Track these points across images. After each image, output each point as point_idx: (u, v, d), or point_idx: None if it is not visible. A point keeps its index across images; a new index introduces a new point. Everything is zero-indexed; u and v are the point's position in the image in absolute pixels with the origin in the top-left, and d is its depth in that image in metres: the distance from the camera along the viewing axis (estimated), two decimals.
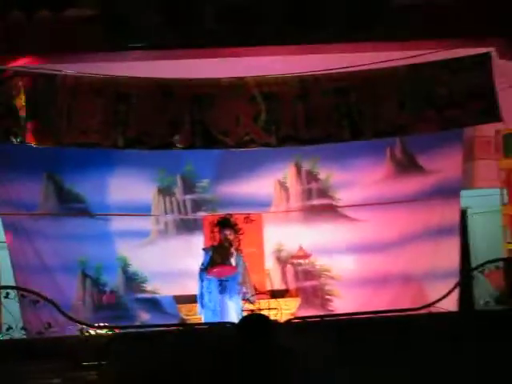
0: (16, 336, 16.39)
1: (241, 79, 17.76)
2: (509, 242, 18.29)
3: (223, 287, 17.07)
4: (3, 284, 17.19)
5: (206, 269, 17.15)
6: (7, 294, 16.74)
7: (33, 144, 17.19)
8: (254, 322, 13.92)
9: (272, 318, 14.62)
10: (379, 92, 17.92)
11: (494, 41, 17.26)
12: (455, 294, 17.34)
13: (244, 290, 17.21)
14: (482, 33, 17.03)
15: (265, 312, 15.25)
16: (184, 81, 17.78)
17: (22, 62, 16.96)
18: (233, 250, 17.37)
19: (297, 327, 15.10)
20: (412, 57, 17.70)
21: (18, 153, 17.86)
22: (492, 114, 17.67)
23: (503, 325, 16.23)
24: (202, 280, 17.17)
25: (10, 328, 16.61)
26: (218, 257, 17.23)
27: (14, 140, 17.03)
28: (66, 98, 17.24)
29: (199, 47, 16.91)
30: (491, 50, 17.42)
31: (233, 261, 17.28)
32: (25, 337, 16.45)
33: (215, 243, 17.53)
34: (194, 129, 17.72)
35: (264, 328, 13.49)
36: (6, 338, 16.10)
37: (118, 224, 18.88)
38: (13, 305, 16.77)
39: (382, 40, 17.01)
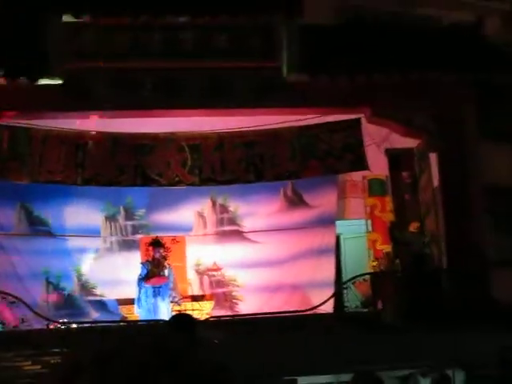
0: None
1: (173, 134, 18.02)
2: (372, 261, 18.71)
3: (156, 292, 17.25)
4: None
5: (143, 278, 17.34)
6: None
7: (12, 180, 17.45)
8: (181, 319, 14.37)
9: (194, 316, 15.00)
10: (276, 146, 18.21)
11: (362, 110, 17.61)
12: (332, 300, 17.72)
13: (173, 294, 17.51)
14: (354, 104, 17.50)
15: (188, 312, 15.70)
16: (129, 134, 17.97)
17: (5, 117, 17.03)
18: (165, 263, 17.71)
19: (212, 324, 15.61)
20: (301, 120, 18.08)
21: (2, 186, 17.74)
22: (360, 164, 18.12)
23: (368, 323, 16.81)
24: (139, 287, 17.35)
25: None
26: (154, 269, 17.53)
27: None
28: (38, 146, 17.32)
29: (140, 109, 17.07)
30: (361, 116, 17.82)
31: (166, 272, 17.52)
32: (2, 330, 16.77)
33: (149, 259, 17.76)
34: (135, 171, 17.92)
35: (189, 324, 13.98)
36: None
37: (74, 242, 18.74)
38: None
39: (278, 107, 17.30)
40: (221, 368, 12.34)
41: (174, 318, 14.34)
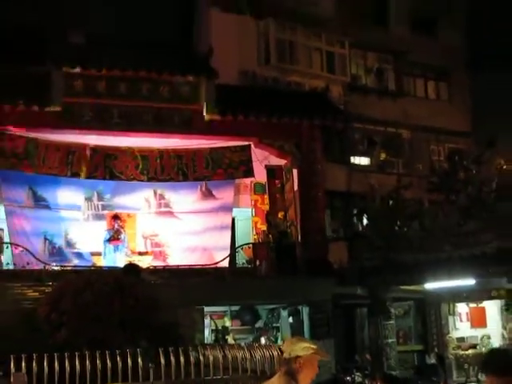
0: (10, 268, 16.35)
1: (130, 148, 18.00)
2: (254, 235, 18.86)
3: (115, 249, 17.24)
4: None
5: (107, 240, 17.36)
6: (7, 246, 16.68)
7: (24, 171, 17.17)
8: (131, 266, 14.23)
9: (139, 265, 14.88)
10: (197, 158, 18.26)
11: (252, 139, 17.73)
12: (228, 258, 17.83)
13: (126, 250, 17.53)
14: (247, 135, 17.66)
15: (136, 262, 15.57)
16: (102, 146, 17.80)
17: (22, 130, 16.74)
18: (122, 231, 17.62)
19: (151, 270, 15.40)
20: (213, 143, 18.09)
21: (15, 175, 17.38)
22: (249, 173, 18.39)
23: (250, 274, 16.90)
24: (105, 245, 17.35)
25: (8, 264, 16.56)
26: (115, 235, 17.44)
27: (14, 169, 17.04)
28: (42, 150, 17.20)
29: (110, 130, 16.89)
30: (250, 142, 17.91)
31: (122, 236, 17.51)
32: (14, 268, 16.44)
33: (112, 227, 17.70)
34: (105, 170, 17.83)
35: (136, 270, 13.87)
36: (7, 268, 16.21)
37: (63, 214, 18.32)
38: (8, 252, 16.79)
39: (199, 134, 17.30)
40: (152, 297, 12.31)
41: (126, 265, 14.35)
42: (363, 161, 23.86)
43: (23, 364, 9.11)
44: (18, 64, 18.13)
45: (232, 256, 17.94)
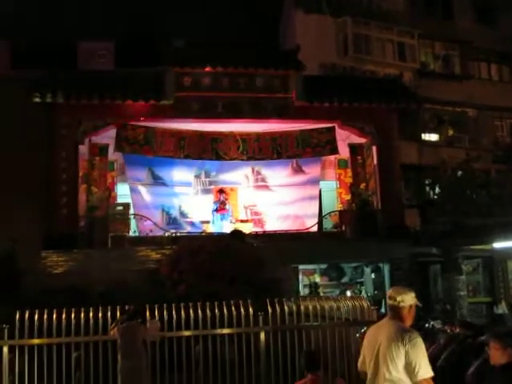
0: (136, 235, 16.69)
1: (232, 132, 18.11)
2: (339, 204, 18.61)
3: (222, 217, 17.48)
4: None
5: (215, 210, 17.59)
6: (134, 216, 17.09)
7: (145, 155, 17.60)
8: (236, 232, 14.40)
9: (243, 231, 15.02)
10: (288, 139, 18.25)
11: (336, 121, 17.49)
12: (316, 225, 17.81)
13: (231, 218, 17.72)
14: (332, 118, 17.41)
15: (239, 228, 15.74)
16: (209, 131, 17.97)
17: (143, 120, 17.12)
18: (226, 202, 17.83)
19: (253, 236, 15.54)
20: (303, 126, 18.04)
21: (136, 158, 17.79)
22: (334, 151, 18.19)
23: (337, 237, 16.75)
24: (213, 214, 17.59)
25: (134, 231, 17.01)
26: (221, 205, 17.67)
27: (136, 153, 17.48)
28: (159, 137, 17.61)
29: (215, 118, 16.94)
30: (335, 124, 17.72)
31: (227, 207, 17.72)
32: (139, 235, 16.87)
33: (218, 199, 17.94)
34: (212, 151, 18.09)
35: (241, 235, 14.02)
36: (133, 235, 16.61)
37: (177, 189, 18.59)
38: (133, 222, 17.19)
39: (291, 119, 17.24)
40: (255, 257, 12.36)
41: (232, 231, 14.52)
42: (433, 137, 23.33)
43: (156, 313, 9.32)
44: (136, 66, 18.74)
45: (320, 222, 17.91)
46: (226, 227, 16.77)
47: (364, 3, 23.09)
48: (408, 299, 4.63)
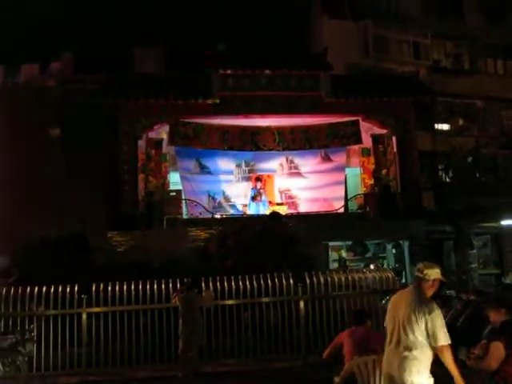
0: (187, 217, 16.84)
1: (269, 126, 18.04)
2: (363, 188, 18.46)
3: (257, 204, 17.48)
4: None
5: (253, 198, 17.63)
6: (185, 201, 17.22)
7: (193, 147, 17.74)
8: (274, 214, 14.56)
9: (279, 212, 15.13)
10: (319, 132, 18.13)
11: (360, 115, 17.42)
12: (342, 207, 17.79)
13: (267, 203, 17.66)
14: (356, 112, 17.36)
15: (276, 210, 15.90)
16: (249, 126, 17.92)
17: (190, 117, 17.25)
18: (262, 192, 17.83)
19: (288, 217, 15.56)
20: (331, 119, 17.92)
21: (186, 150, 17.80)
22: (358, 141, 18.05)
23: (361, 217, 16.68)
24: (251, 199, 17.65)
25: (186, 214, 17.09)
26: (257, 193, 17.72)
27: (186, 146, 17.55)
28: (206, 131, 17.62)
29: (254, 114, 17.01)
30: (359, 118, 17.62)
31: (262, 197, 17.66)
32: (190, 218, 16.81)
33: (255, 187, 17.96)
34: (252, 143, 18.09)
35: (278, 216, 14.18)
36: (186, 217, 16.59)
37: (221, 177, 18.51)
38: (184, 206, 17.08)
39: (321, 114, 17.24)
40: (291, 236, 12.49)
41: (270, 213, 14.65)
42: (445, 127, 22.98)
43: (210, 284, 9.51)
44: (185, 69, 18.80)
45: (346, 204, 17.86)
46: (262, 210, 16.79)
47: (383, 8, 22.78)
48: (433, 274, 4.69)
